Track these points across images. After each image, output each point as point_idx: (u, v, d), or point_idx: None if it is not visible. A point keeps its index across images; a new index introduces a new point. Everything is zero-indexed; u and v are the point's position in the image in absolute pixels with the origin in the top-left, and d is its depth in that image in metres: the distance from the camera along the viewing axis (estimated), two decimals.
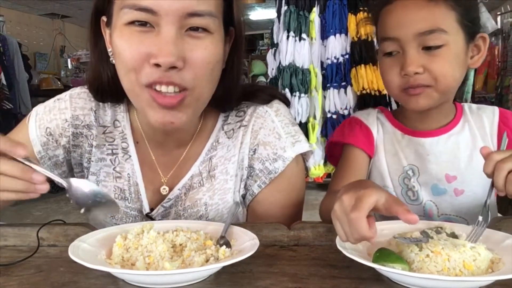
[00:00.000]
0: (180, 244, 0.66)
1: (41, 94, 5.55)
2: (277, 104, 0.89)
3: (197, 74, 0.71)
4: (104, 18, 0.77)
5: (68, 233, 0.75)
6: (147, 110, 0.73)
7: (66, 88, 5.64)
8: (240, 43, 0.81)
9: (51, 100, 0.89)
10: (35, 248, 0.70)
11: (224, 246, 0.64)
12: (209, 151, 0.87)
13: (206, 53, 0.71)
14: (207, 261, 0.61)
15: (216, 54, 0.73)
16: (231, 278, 0.60)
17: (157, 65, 0.68)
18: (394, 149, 0.94)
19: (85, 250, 0.61)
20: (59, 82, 5.93)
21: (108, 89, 0.82)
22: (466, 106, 0.96)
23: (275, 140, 0.85)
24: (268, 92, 0.91)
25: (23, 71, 5.10)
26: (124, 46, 0.70)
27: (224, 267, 0.58)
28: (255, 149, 0.86)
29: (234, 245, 0.66)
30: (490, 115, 0.93)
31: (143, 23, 0.69)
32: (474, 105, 0.98)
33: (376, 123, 0.97)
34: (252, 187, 0.86)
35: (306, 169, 0.98)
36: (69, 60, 7.12)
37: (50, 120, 0.87)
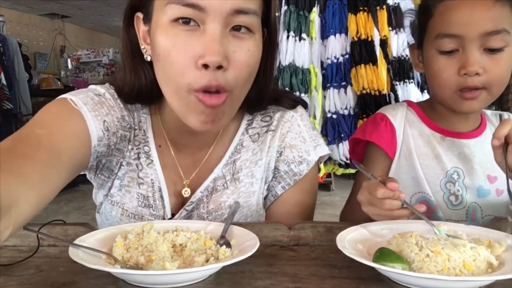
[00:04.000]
0: (180, 244, 0.65)
1: (41, 94, 5.57)
2: (301, 109, 0.91)
3: (238, 76, 0.70)
4: (139, 15, 0.75)
5: (68, 233, 0.75)
6: (189, 112, 0.71)
7: (66, 88, 5.70)
8: (274, 44, 0.80)
9: (88, 94, 0.79)
10: (35, 248, 0.70)
11: (224, 246, 0.64)
12: (232, 154, 0.86)
13: (248, 55, 0.70)
14: (207, 261, 0.61)
15: (257, 56, 0.72)
16: (231, 278, 0.60)
17: (205, 66, 0.66)
18: (434, 152, 0.90)
19: (85, 250, 0.61)
20: (59, 82, 5.95)
21: (145, 91, 0.78)
22: (483, 110, 0.95)
23: (300, 143, 0.87)
24: (291, 97, 0.92)
25: (23, 71, 5.11)
26: (170, 47, 0.67)
27: (224, 267, 0.58)
28: (281, 152, 0.87)
29: (234, 245, 0.66)
30: (506, 116, 0.95)
31: (187, 21, 0.66)
32: (488, 111, 0.98)
33: (403, 121, 0.93)
34: (275, 188, 0.87)
35: (319, 170, 0.99)
36: (69, 60, 7.13)
37: (105, 113, 0.78)
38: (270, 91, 0.85)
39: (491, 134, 0.90)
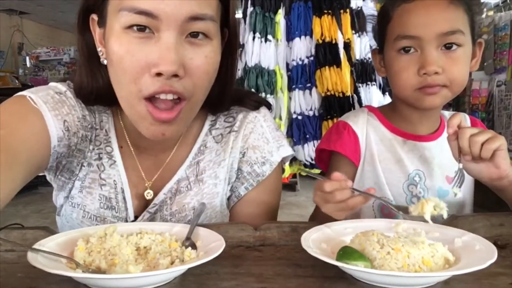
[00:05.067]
0: (145, 247, 0.65)
1: None
2: (264, 110, 0.91)
3: (196, 83, 0.69)
4: (94, 17, 0.73)
5: (27, 237, 0.72)
6: (140, 122, 0.70)
7: (25, 86, 5.48)
8: (234, 45, 0.79)
9: (49, 92, 0.77)
10: None
11: (189, 248, 0.63)
12: (196, 155, 0.86)
13: (206, 62, 0.69)
14: (172, 263, 0.61)
15: (215, 62, 0.72)
16: (197, 279, 0.59)
17: (159, 74, 0.65)
18: (396, 156, 0.92)
19: (45, 254, 0.59)
20: (17, 81, 5.72)
21: (103, 93, 0.76)
22: (441, 111, 0.98)
23: (263, 144, 0.87)
24: (255, 98, 0.92)
25: None
26: (123, 54, 0.66)
27: (189, 269, 0.58)
28: (244, 153, 0.87)
29: (199, 246, 0.66)
30: (463, 118, 0.98)
31: (141, 28, 0.65)
32: (446, 112, 1.01)
33: (365, 127, 0.95)
34: (238, 189, 0.88)
35: (283, 171, 1.00)
36: (27, 58, 6.88)
37: (66, 113, 0.76)
38: (232, 91, 0.85)
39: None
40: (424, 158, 0.92)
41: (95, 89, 0.77)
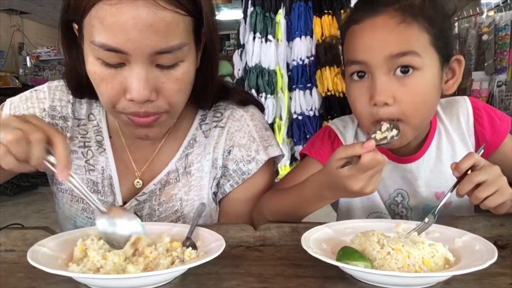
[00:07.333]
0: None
1: None
2: (252, 109, 0.92)
3: (170, 101, 0.73)
4: (75, 26, 0.74)
5: (27, 237, 0.73)
6: (124, 126, 0.78)
7: (25, 86, 5.48)
8: (213, 43, 0.80)
9: (27, 91, 0.90)
10: None
11: (189, 248, 0.63)
12: (186, 148, 0.89)
13: (178, 83, 0.72)
14: (172, 263, 0.61)
15: (189, 78, 0.74)
16: (197, 279, 0.59)
17: (132, 99, 0.69)
18: None
19: (45, 254, 0.60)
20: (17, 81, 5.72)
21: (86, 86, 0.81)
22: (438, 106, 0.87)
23: (249, 143, 0.88)
24: (243, 95, 0.94)
25: None
26: (98, 81, 0.71)
27: (190, 269, 0.58)
28: (230, 150, 0.88)
29: (200, 246, 0.66)
30: (465, 112, 0.88)
31: (112, 64, 0.68)
32: (443, 101, 0.90)
33: (353, 140, 0.89)
34: (224, 186, 0.89)
35: (277, 172, 1.00)
36: (28, 58, 6.88)
37: (26, 108, 0.86)
38: (216, 86, 0.86)
39: (442, 141, 0.86)
40: (406, 178, 0.87)
41: (79, 82, 0.82)
